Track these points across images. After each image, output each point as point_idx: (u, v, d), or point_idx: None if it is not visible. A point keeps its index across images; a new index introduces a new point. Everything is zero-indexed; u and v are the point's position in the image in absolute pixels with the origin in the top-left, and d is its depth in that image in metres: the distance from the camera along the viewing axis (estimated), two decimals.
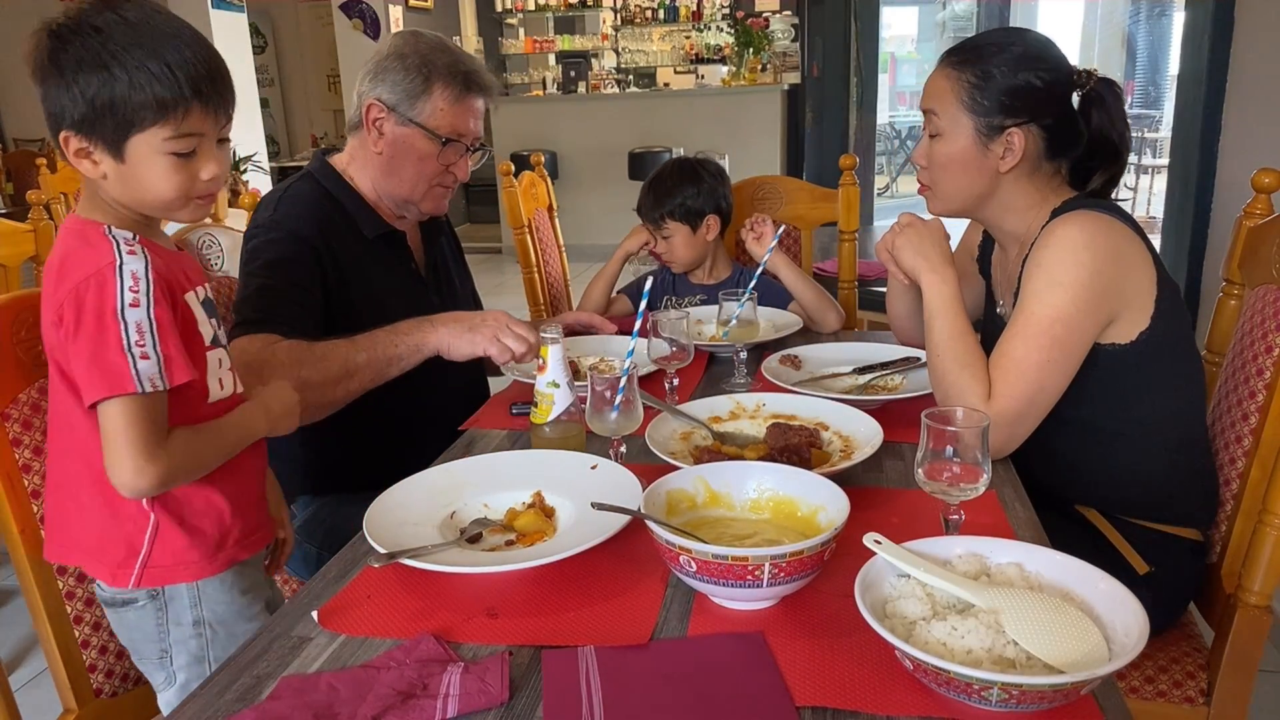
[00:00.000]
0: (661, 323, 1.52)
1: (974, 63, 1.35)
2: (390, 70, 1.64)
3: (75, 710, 1.18)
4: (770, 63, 7.46)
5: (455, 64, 1.65)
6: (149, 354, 1.00)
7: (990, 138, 1.35)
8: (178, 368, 1.03)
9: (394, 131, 1.64)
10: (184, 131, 1.02)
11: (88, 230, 1.05)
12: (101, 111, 0.99)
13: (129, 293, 1.01)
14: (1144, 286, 1.31)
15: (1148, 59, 8.93)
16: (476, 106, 1.69)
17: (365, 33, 7.26)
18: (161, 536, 1.11)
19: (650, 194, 2.10)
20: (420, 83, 1.62)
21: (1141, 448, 1.37)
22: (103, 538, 1.11)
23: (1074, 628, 0.80)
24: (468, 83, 1.65)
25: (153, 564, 1.11)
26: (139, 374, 0.99)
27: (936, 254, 1.38)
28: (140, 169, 1.02)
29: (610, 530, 1.02)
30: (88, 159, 1.02)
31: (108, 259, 1.01)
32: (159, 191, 1.04)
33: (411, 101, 1.63)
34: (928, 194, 1.45)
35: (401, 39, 1.68)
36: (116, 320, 1.00)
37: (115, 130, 1.00)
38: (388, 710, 0.79)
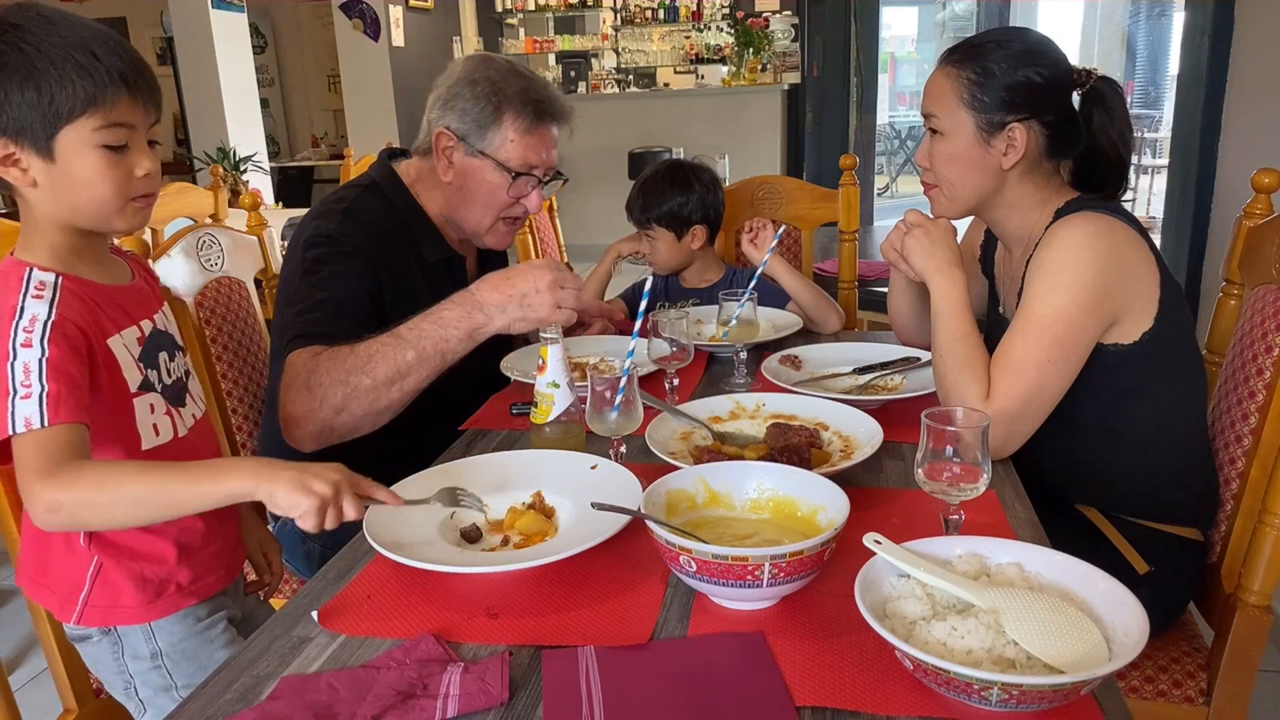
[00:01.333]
0: (661, 323, 1.52)
1: (973, 60, 1.35)
2: (460, 98, 1.59)
3: (75, 710, 1.18)
4: (770, 63, 7.46)
5: (526, 91, 1.59)
6: (31, 393, 0.96)
7: (991, 134, 1.35)
8: (64, 406, 0.97)
9: (463, 162, 1.60)
10: (114, 121, 1.00)
11: (9, 273, 1.03)
12: (27, 106, 0.97)
13: (22, 332, 0.98)
14: (1147, 287, 1.31)
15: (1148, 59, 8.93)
16: (550, 135, 1.63)
17: (365, 33, 7.26)
18: (103, 576, 1.11)
19: (640, 196, 2.09)
20: (490, 112, 1.57)
21: (1142, 447, 1.37)
22: (55, 571, 1.13)
23: (1074, 628, 0.80)
24: (539, 111, 1.60)
25: (93, 603, 1.12)
26: (14, 414, 0.95)
27: (946, 255, 1.38)
28: (72, 167, 1.00)
29: (610, 530, 1.02)
30: (15, 166, 1.00)
31: (10, 302, 0.99)
32: (94, 192, 1.01)
33: (481, 132, 1.58)
34: (933, 195, 1.45)
35: (472, 64, 1.62)
36: (6, 361, 0.97)
37: (43, 125, 0.98)
38: (388, 710, 0.79)
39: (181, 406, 1.17)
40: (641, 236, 2.11)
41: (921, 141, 1.45)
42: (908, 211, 1.44)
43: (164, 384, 1.15)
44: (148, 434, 1.10)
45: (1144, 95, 8.81)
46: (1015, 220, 1.43)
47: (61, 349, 0.99)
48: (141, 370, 1.10)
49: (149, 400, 1.11)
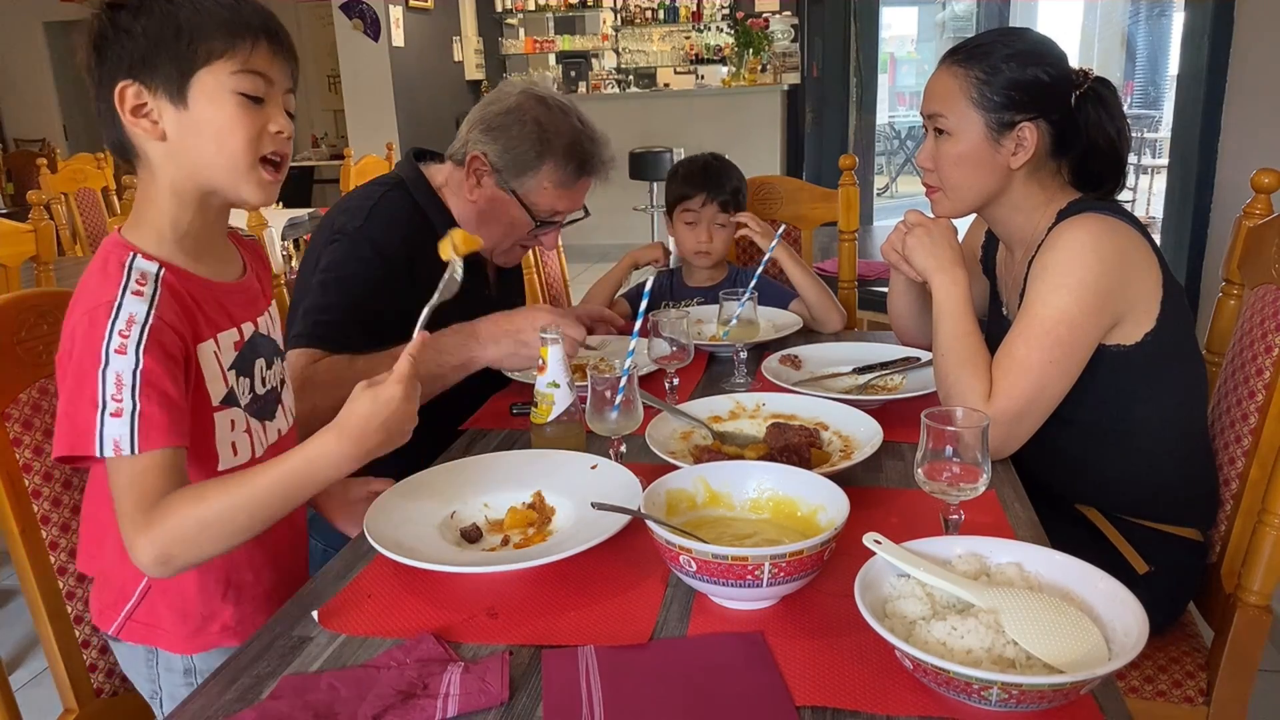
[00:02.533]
0: (662, 322, 1.52)
1: (980, 59, 1.34)
2: (506, 130, 1.57)
3: (75, 710, 1.18)
4: (770, 63, 7.45)
5: (573, 146, 1.58)
6: (123, 410, 0.89)
7: (1001, 133, 1.34)
8: (157, 431, 0.90)
9: (493, 191, 1.60)
10: (252, 68, 0.95)
11: (110, 256, 0.96)
12: (164, 42, 0.92)
13: (118, 337, 0.90)
14: (1149, 289, 1.31)
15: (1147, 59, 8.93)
16: (586, 187, 1.63)
17: (365, 33, 7.25)
18: (150, 598, 1.07)
19: (704, 178, 2.03)
20: (532, 157, 1.57)
21: (1143, 448, 1.37)
22: (108, 569, 1.09)
23: (1074, 628, 0.80)
24: (581, 169, 1.59)
25: (136, 618, 1.09)
26: (102, 435, 0.89)
27: (948, 254, 1.38)
28: (206, 113, 0.95)
29: (610, 530, 1.02)
30: (146, 117, 0.95)
31: (108, 295, 0.92)
32: (226, 144, 0.95)
33: (518, 172, 1.58)
34: (936, 196, 1.44)
35: (528, 99, 1.59)
36: (97, 367, 0.90)
37: (179, 66, 0.93)
38: (388, 710, 0.79)
39: (268, 420, 1.10)
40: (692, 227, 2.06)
41: (923, 143, 1.44)
42: (908, 212, 1.44)
43: (254, 394, 1.08)
44: (225, 453, 1.03)
45: (1144, 95, 8.80)
46: (1019, 221, 1.43)
47: (157, 358, 0.92)
48: (227, 382, 1.03)
49: (230, 416, 1.03)
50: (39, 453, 1.17)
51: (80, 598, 1.20)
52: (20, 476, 1.15)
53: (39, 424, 1.17)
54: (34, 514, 1.16)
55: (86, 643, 1.20)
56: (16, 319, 1.15)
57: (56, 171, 4.73)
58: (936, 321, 1.36)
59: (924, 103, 1.42)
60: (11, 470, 1.14)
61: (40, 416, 1.17)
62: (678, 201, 2.05)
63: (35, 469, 1.17)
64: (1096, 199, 1.38)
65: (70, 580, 1.21)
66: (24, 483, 1.15)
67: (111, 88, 0.95)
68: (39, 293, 1.19)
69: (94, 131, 8.45)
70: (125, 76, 0.94)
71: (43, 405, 1.17)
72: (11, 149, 8.48)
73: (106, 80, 0.95)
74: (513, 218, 1.61)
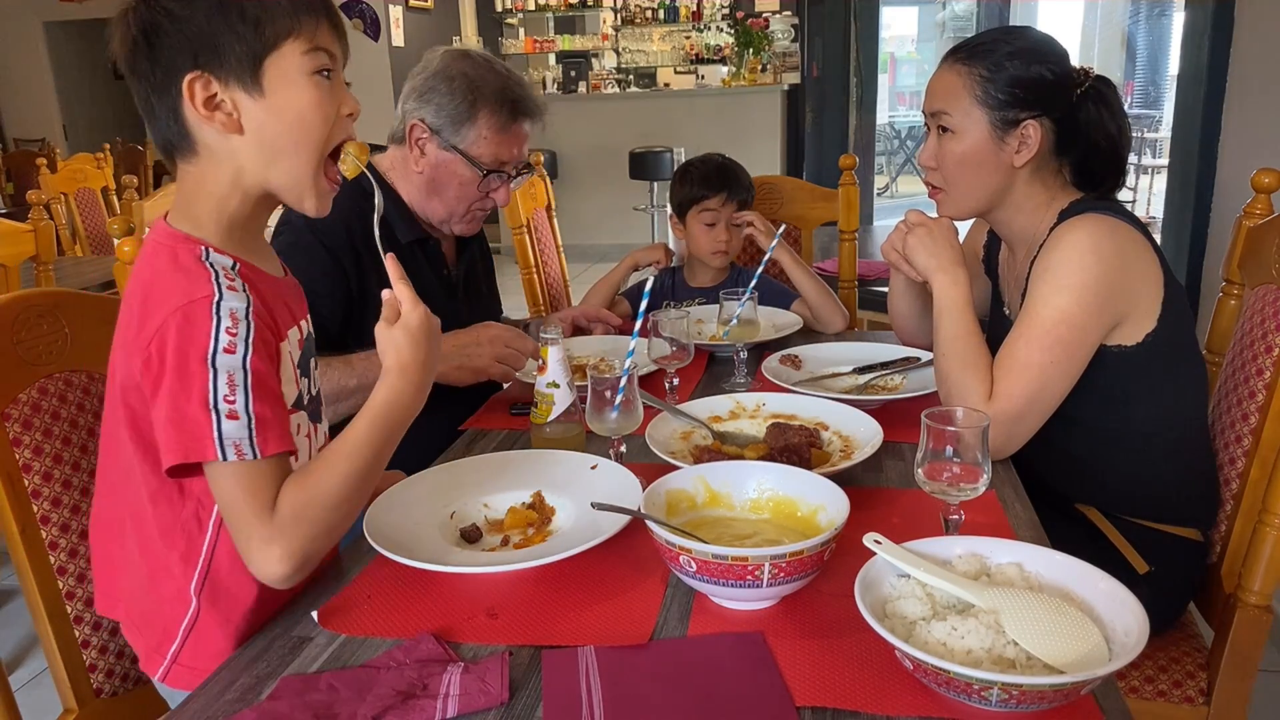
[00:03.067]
0: (662, 322, 1.52)
1: (984, 57, 1.34)
2: (436, 91, 1.60)
3: (75, 710, 1.18)
4: (770, 63, 7.45)
5: (503, 90, 1.60)
6: (239, 412, 0.84)
7: (1005, 131, 1.34)
8: (274, 435, 0.86)
9: (436, 155, 1.62)
10: (320, 44, 0.91)
11: (180, 250, 0.90)
12: (230, 28, 0.87)
13: (225, 335, 0.85)
14: (1151, 289, 1.31)
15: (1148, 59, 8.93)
16: (523, 133, 1.65)
17: (365, 32, 7.25)
18: (199, 631, 0.98)
19: (723, 179, 2.04)
20: (465, 109, 1.59)
21: (1144, 448, 1.37)
22: (143, 608, 1.02)
23: (1074, 628, 0.80)
24: (515, 110, 1.62)
25: (182, 662, 1.00)
26: (221, 438, 0.84)
27: (949, 254, 1.38)
28: (285, 97, 0.90)
29: (610, 530, 1.02)
30: (219, 110, 0.89)
31: (203, 290, 0.86)
32: (308, 130, 0.91)
33: (455, 127, 1.60)
34: (940, 196, 1.44)
35: (450, 57, 1.63)
36: (205, 367, 0.84)
37: (249, 53, 0.88)
38: (388, 710, 0.79)
39: (318, 423, 1.07)
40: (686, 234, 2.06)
41: (925, 142, 1.43)
42: (908, 212, 1.44)
43: (311, 395, 1.04)
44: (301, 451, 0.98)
45: (1144, 95, 8.81)
46: (1021, 221, 1.42)
47: (263, 357, 0.88)
48: (298, 384, 0.99)
49: (298, 420, 0.98)
50: (39, 453, 1.17)
51: (80, 598, 1.20)
52: (20, 476, 1.15)
53: (39, 424, 1.17)
54: (34, 514, 1.16)
55: (86, 643, 1.20)
56: (16, 319, 1.15)
57: (56, 171, 4.73)
58: (937, 321, 1.36)
59: (926, 101, 1.42)
60: (11, 470, 1.14)
61: (40, 416, 1.17)
62: (694, 202, 2.03)
63: (35, 469, 1.16)
64: (1098, 198, 1.38)
65: (70, 580, 1.20)
66: (24, 483, 1.15)
67: (174, 81, 0.88)
68: (39, 293, 1.19)
69: (94, 131, 8.46)
70: (191, 68, 0.88)
71: (42, 405, 1.17)
72: (11, 149, 8.48)
73: (164, 76, 0.89)
74: (461, 176, 1.62)
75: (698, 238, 2.05)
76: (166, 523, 0.97)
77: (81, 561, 1.19)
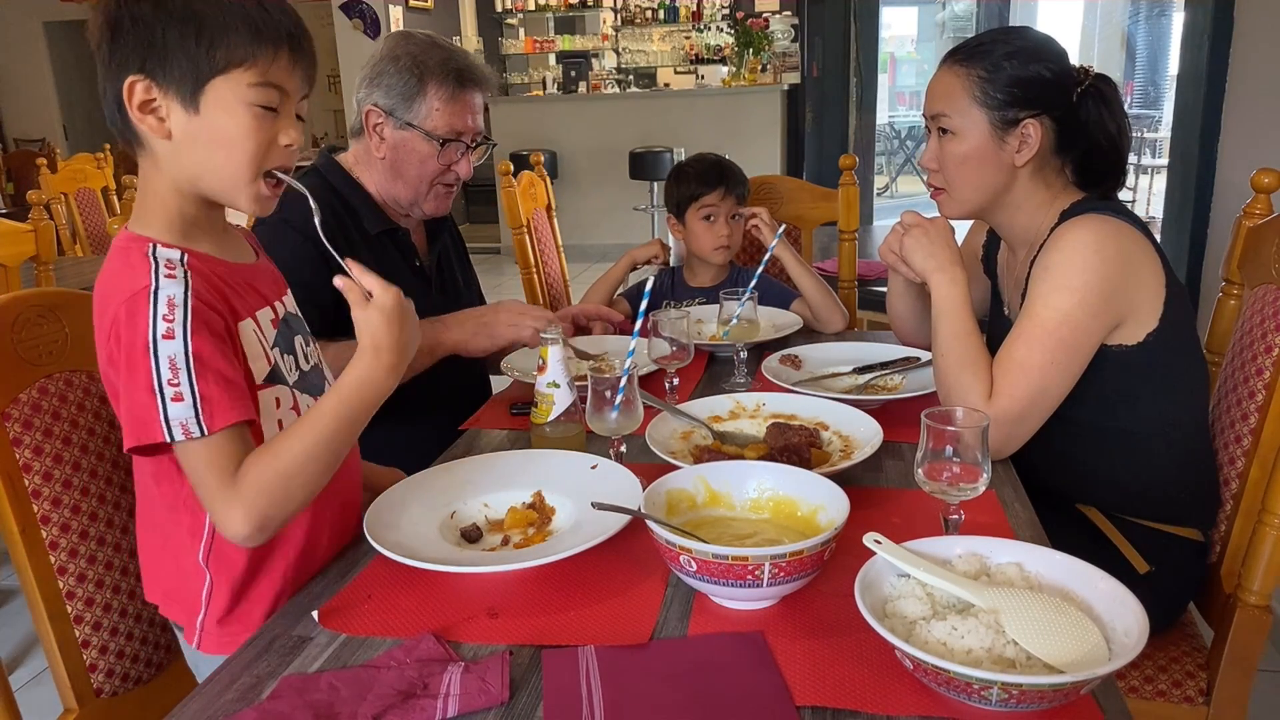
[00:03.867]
0: (662, 322, 1.52)
1: (981, 58, 1.35)
2: (385, 74, 1.63)
3: (75, 710, 1.18)
4: (770, 63, 7.46)
5: (447, 61, 1.63)
6: (183, 394, 0.89)
7: (1005, 130, 1.35)
8: (219, 410, 0.90)
9: (394, 135, 1.64)
10: (270, 80, 0.92)
11: (131, 248, 0.94)
12: (183, 41, 0.89)
13: (162, 322, 0.89)
14: (1152, 289, 1.31)
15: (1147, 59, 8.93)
16: (473, 102, 1.68)
17: (365, 33, 7.26)
18: (216, 598, 1.05)
19: (720, 174, 2.05)
20: (414, 84, 1.62)
21: (1144, 447, 1.37)
22: (174, 584, 1.08)
23: (1074, 628, 0.80)
24: (461, 79, 1.64)
25: (208, 629, 1.06)
26: (168, 420, 0.89)
27: (946, 254, 1.38)
28: (217, 123, 0.92)
29: (610, 530, 1.02)
30: (153, 115, 0.92)
31: (142, 282, 0.91)
32: (234, 154, 0.93)
33: (407, 104, 1.62)
34: (942, 197, 1.44)
35: (394, 40, 1.67)
36: (148, 355, 0.89)
37: (196, 70, 0.90)
38: (388, 710, 0.79)
39: (318, 395, 1.10)
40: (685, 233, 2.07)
41: (926, 144, 1.44)
42: (904, 213, 1.44)
43: (301, 372, 1.08)
44: (271, 430, 1.01)
45: (1144, 95, 8.80)
46: (1022, 220, 1.43)
47: (205, 338, 0.91)
48: (270, 360, 1.02)
49: (275, 394, 1.02)
50: (39, 453, 1.17)
51: (80, 598, 1.20)
52: (20, 476, 1.15)
53: (39, 424, 1.17)
54: (34, 514, 1.16)
55: (86, 643, 1.20)
56: (16, 319, 1.15)
57: (56, 171, 4.73)
58: (936, 321, 1.36)
59: (926, 104, 1.42)
60: (11, 470, 1.14)
61: (40, 416, 1.17)
62: (693, 199, 2.04)
63: (35, 469, 1.17)
64: (1099, 198, 1.38)
65: (70, 580, 1.20)
66: (24, 483, 1.15)
67: (121, 78, 0.91)
68: (39, 293, 1.19)
69: (94, 131, 8.46)
70: (136, 70, 0.91)
71: (42, 405, 1.17)
72: (11, 149, 8.48)
73: (116, 69, 0.92)
74: (420, 152, 1.64)
75: (698, 235, 2.05)
76: (170, 500, 1.03)
77: (82, 562, 1.19)
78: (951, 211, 1.44)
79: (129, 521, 1.24)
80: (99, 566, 1.20)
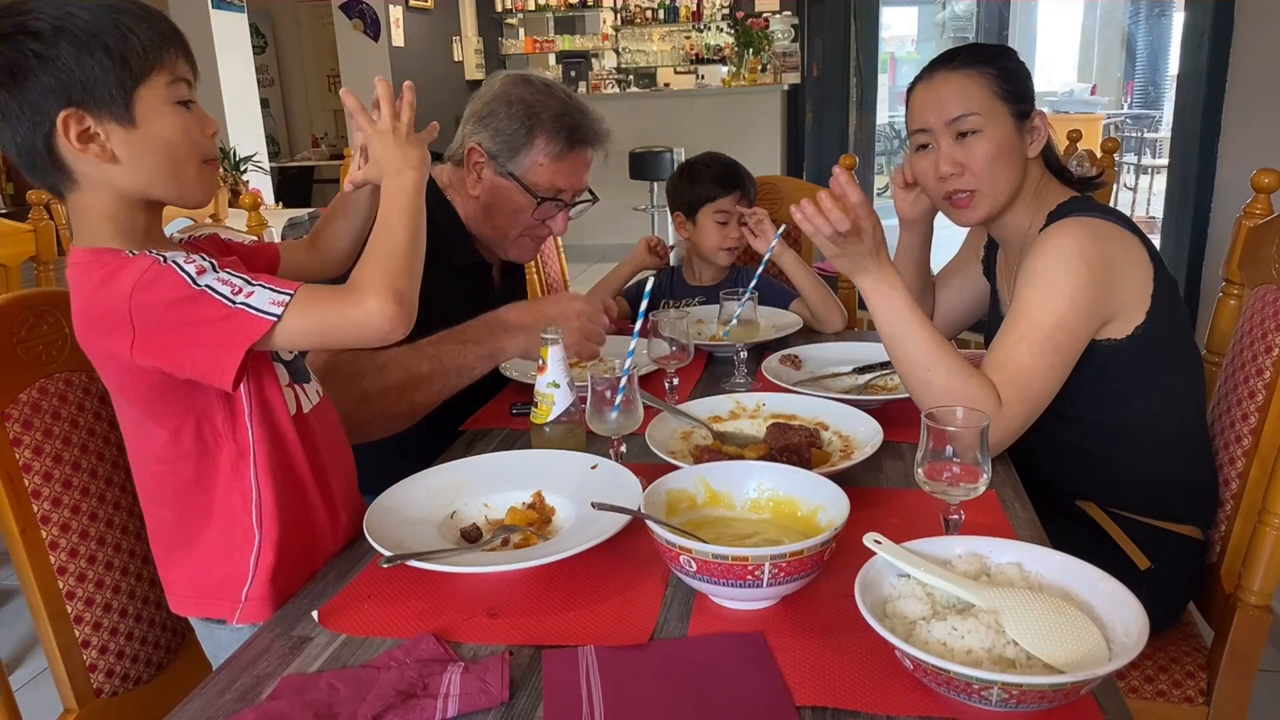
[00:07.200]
0: (661, 322, 1.52)
1: (979, 59, 1.38)
2: (495, 115, 1.58)
3: (75, 710, 1.18)
4: (770, 63, 7.45)
5: (562, 115, 1.58)
6: (252, 289, 0.94)
7: (1023, 123, 1.38)
8: (283, 283, 0.96)
9: (492, 180, 1.59)
10: (179, 76, 0.97)
11: (104, 256, 0.95)
12: (100, 66, 0.91)
13: (188, 265, 0.93)
14: (1139, 285, 1.31)
15: (1148, 59, 8.94)
16: (582, 160, 1.62)
17: (365, 33, 7.26)
18: (263, 559, 1.07)
19: (737, 177, 2.06)
20: (523, 134, 1.56)
21: (1140, 443, 1.37)
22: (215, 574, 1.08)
23: (1074, 628, 0.80)
24: (572, 138, 1.58)
25: (253, 597, 1.07)
26: (259, 309, 0.93)
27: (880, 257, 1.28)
28: (154, 127, 0.95)
29: (610, 530, 1.02)
30: (94, 142, 0.94)
31: (144, 261, 0.93)
32: (176, 153, 0.97)
33: (512, 153, 1.57)
34: (974, 199, 1.40)
35: (510, 82, 1.61)
36: (200, 291, 0.93)
37: (120, 87, 0.92)
38: (388, 710, 0.79)
39: (305, 383, 1.14)
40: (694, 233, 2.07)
41: (940, 152, 1.39)
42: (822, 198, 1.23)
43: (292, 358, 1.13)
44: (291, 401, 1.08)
45: (1144, 95, 8.81)
46: (1020, 215, 1.43)
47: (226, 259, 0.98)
48: None
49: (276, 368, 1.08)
50: (39, 453, 1.17)
51: (80, 598, 1.20)
52: (20, 476, 1.15)
53: (39, 424, 1.17)
54: (34, 514, 1.16)
55: (86, 643, 1.20)
56: (16, 319, 1.15)
57: None
58: (902, 333, 1.26)
59: (938, 112, 1.38)
60: (11, 470, 1.14)
61: (40, 416, 1.17)
62: (707, 200, 2.04)
63: (35, 469, 1.17)
64: (1085, 198, 1.40)
65: (70, 580, 1.20)
66: (24, 483, 1.15)
67: (45, 119, 0.92)
68: (39, 293, 1.19)
69: None
70: (65, 106, 0.92)
71: (42, 405, 1.17)
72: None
73: (33, 112, 0.92)
74: (516, 203, 1.60)
75: (709, 235, 2.06)
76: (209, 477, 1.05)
77: (82, 562, 1.19)
78: (980, 214, 1.41)
79: (129, 521, 1.24)
80: (99, 566, 1.21)
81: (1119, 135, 7.77)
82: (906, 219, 1.72)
